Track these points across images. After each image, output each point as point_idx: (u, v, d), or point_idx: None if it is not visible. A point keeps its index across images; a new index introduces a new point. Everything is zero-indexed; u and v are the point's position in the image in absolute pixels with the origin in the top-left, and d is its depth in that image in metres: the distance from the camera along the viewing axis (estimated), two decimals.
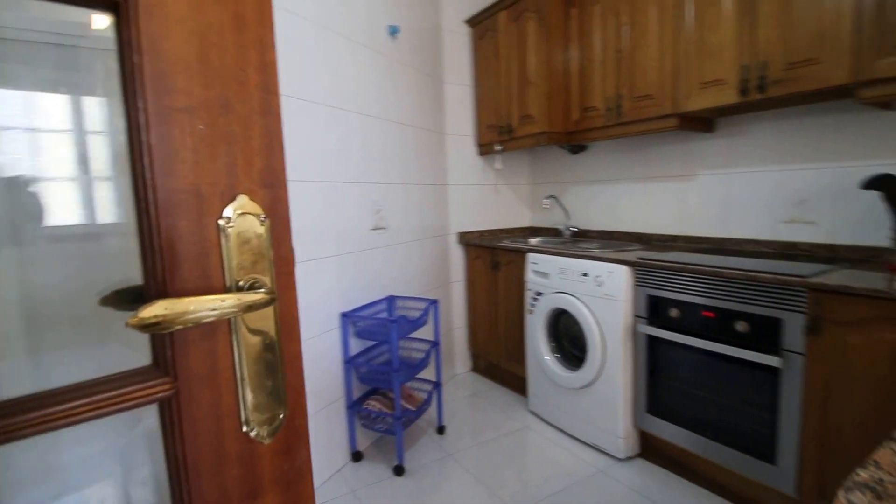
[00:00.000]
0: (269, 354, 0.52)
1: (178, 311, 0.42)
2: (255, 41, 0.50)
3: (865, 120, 1.75)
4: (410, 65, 2.57)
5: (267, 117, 0.51)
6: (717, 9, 1.85)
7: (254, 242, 0.50)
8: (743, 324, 1.64)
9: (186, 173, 0.46)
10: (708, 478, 1.87)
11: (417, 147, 2.65)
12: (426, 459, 2.15)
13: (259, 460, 0.53)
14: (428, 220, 2.77)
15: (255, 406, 0.51)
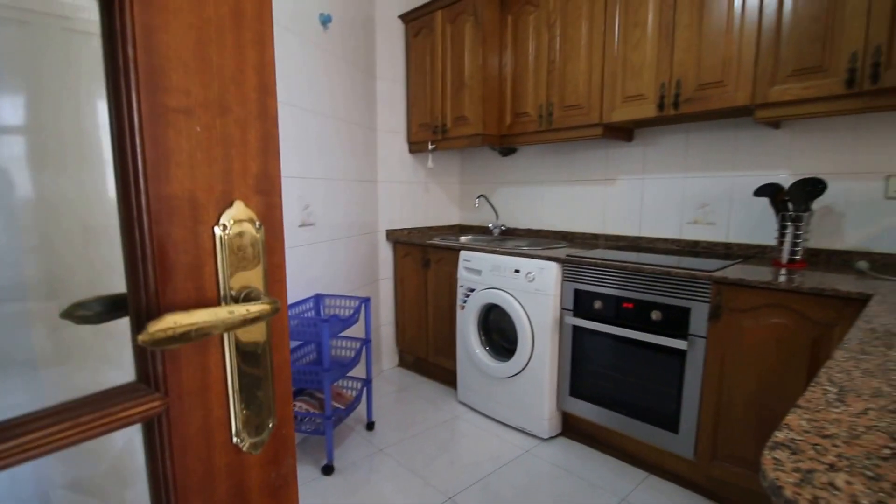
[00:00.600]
0: (260, 364, 0.50)
1: (187, 323, 0.39)
2: (255, 39, 0.47)
3: (758, 137, 2.05)
4: (342, 57, 2.50)
5: (264, 120, 0.49)
6: (640, 30, 2.04)
7: (249, 251, 0.48)
8: (657, 313, 1.83)
9: (182, 178, 0.43)
10: (621, 449, 2.06)
11: (348, 142, 2.58)
12: (356, 456, 2.10)
13: (248, 472, 0.50)
14: (357, 217, 2.71)
15: (245, 417, 0.49)
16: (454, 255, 2.60)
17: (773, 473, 0.50)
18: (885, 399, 0.66)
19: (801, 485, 0.48)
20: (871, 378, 0.73)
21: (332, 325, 1.93)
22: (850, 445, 0.55)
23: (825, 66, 1.59)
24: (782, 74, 1.68)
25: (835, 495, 0.46)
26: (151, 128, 0.40)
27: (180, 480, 0.44)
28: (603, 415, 2.03)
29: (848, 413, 0.62)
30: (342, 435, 2.28)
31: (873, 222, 1.80)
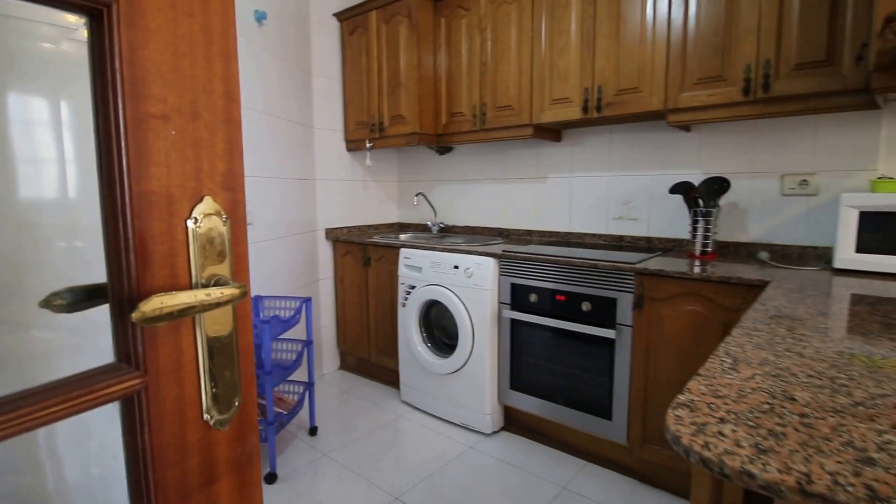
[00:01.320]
0: (227, 346, 0.55)
1: (172, 303, 0.45)
2: (221, 53, 0.53)
3: (672, 139, 2.23)
4: (277, 54, 2.44)
5: (229, 125, 0.55)
6: (565, 38, 2.16)
7: (217, 242, 0.53)
8: (587, 304, 1.94)
9: (160, 176, 0.48)
10: (561, 439, 2.16)
11: (284, 140, 2.52)
12: (299, 463, 2.05)
13: (216, 447, 0.55)
14: (295, 216, 2.65)
15: (214, 396, 0.54)
16: (394, 253, 2.60)
17: (674, 427, 0.56)
18: (769, 366, 0.75)
19: (696, 434, 0.54)
20: (760, 350, 0.83)
21: (273, 326, 1.88)
22: (737, 403, 0.62)
23: (725, 76, 1.76)
24: (689, 82, 1.84)
25: (722, 440, 0.53)
26: (134, 131, 0.46)
27: (157, 453, 0.49)
28: (542, 406, 2.12)
29: (738, 378, 0.71)
30: (285, 441, 2.22)
31: (772, 217, 2.02)
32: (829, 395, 0.65)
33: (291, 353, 2.22)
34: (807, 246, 1.93)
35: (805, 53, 1.61)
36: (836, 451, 0.50)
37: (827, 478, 0.46)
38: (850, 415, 0.58)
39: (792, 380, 0.70)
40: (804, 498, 0.45)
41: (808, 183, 1.91)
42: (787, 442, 0.52)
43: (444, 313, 2.42)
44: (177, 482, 0.51)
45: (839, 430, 0.55)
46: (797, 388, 0.67)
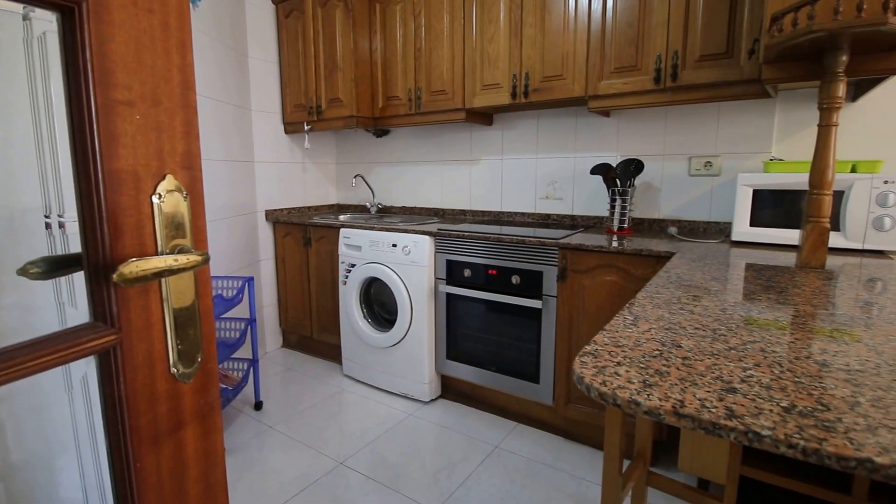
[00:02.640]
0: (190, 308, 0.61)
1: (149, 267, 0.51)
2: (178, 45, 0.59)
3: (594, 123, 2.40)
4: (213, 35, 2.36)
5: (186, 110, 0.60)
6: (494, 26, 2.24)
7: (178, 215, 0.59)
8: (517, 277, 2.08)
9: (127, 156, 0.54)
10: (494, 404, 2.32)
11: (221, 121, 2.46)
12: (246, 436, 2.07)
13: (182, 398, 0.62)
14: (234, 198, 2.60)
15: (180, 352, 0.60)
16: (335, 233, 2.61)
17: (579, 370, 0.67)
18: (664, 322, 0.90)
19: (596, 375, 0.66)
20: (658, 309, 0.98)
21: (217, 305, 1.86)
22: (633, 350, 0.75)
23: (638, 66, 1.93)
24: (607, 71, 2.00)
25: (617, 379, 0.65)
26: (104, 116, 0.51)
27: (131, 401, 0.56)
28: (477, 374, 2.27)
29: (637, 331, 0.84)
30: (230, 417, 2.22)
31: (681, 195, 2.25)
32: (710, 342, 0.79)
33: (235, 331, 2.21)
34: (710, 221, 2.19)
35: (708, 46, 1.80)
36: (707, 383, 0.64)
37: (696, 403, 0.58)
38: (723, 357, 0.73)
39: (681, 331, 0.84)
40: (678, 419, 0.57)
41: (712, 164, 2.15)
42: (669, 378, 0.65)
43: (384, 290, 2.48)
44: (149, 427, 0.58)
45: (712, 368, 0.69)
46: (684, 337, 0.81)
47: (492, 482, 1.80)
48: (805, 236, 1.36)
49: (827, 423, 0.51)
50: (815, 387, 0.60)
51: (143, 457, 0.57)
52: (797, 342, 0.77)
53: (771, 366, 0.68)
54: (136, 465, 0.56)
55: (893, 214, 1.58)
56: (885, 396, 0.57)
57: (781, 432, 0.49)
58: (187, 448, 0.63)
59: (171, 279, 0.59)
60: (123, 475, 0.56)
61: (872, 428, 0.50)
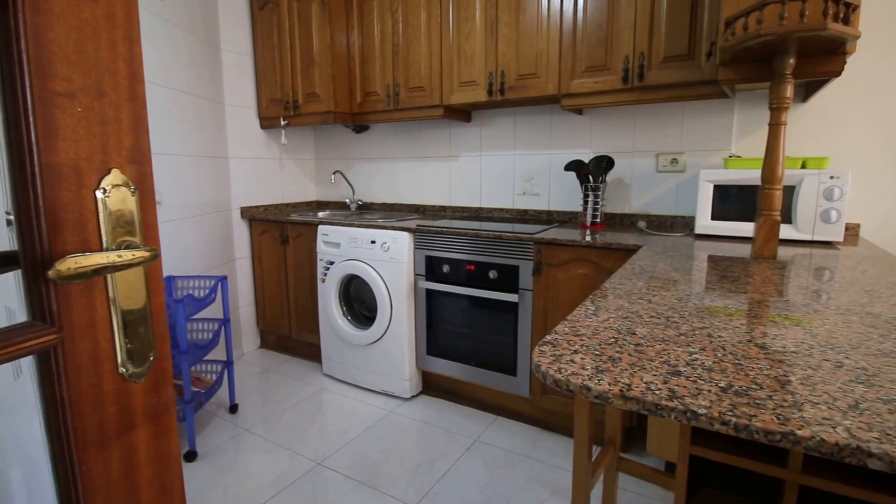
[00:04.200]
0: (140, 306, 0.60)
1: (86, 263, 0.50)
2: (124, 36, 0.57)
3: (568, 121, 2.45)
4: (183, 27, 2.31)
5: (134, 102, 0.59)
6: (471, 24, 2.27)
7: (125, 211, 0.58)
8: (494, 272, 2.12)
9: (67, 150, 0.52)
10: (474, 398, 2.36)
11: (193, 116, 2.40)
12: (221, 439, 2.06)
13: (133, 398, 0.60)
14: (208, 195, 2.56)
15: (129, 351, 0.59)
16: (312, 230, 2.61)
17: (537, 359, 0.70)
18: (623, 311, 0.94)
19: (552, 363, 0.69)
20: (619, 299, 1.02)
21: (187, 305, 1.84)
22: (591, 338, 0.79)
23: (608, 65, 1.98)
24: (579, 70, 2.04)
25: (572, 366, 0.68)
26: (41, 108, 0.50)
27: (74, 402, 0.54)
28: (456, 369, 2.30)
29: (596, 320, 0.88)
30: (204, 420, 2.19)
31: (650, 191, 2.32)
32: (662, 329, 0.83)
33: (208, 332, 2.18)
34: (677, 215, 2.25)
35: (671, 48, 1.86)
36: (655, 367, 0.67)
37: (642, 386, 0.62)
38: (672, 342, 0.77)
39: (637, 320, 0.88)
40: (625, 402, 0.61)
41: (678, 161, 2.22)
42: (620, 364, 0.69)
43: (363, 287, 2.49)
44: (95, 429, 0.56)
45: (662, 353, 0.72)
46: (639, 325, 0.85)
47: (470, 475, 1.84)
48: (758, 228, 1.43)
49: (758, 400, 0.55)
50: (752, 367, 0.65)
51: (89, 459, 0.55)
52: (741, 327, 0.82)
53: (715, 349, 0.72)
54: (81, 468, 0.54)
55: (839, 208, 1.67)
56: (813, 375, 0.61)
57: (716, 410, 0.53)
58: (139, 449, 0.61)
59: (119, 276, 0.57)
60: (68, 479, 0.54)
61: (798, 404, 0.54)
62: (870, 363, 0.65)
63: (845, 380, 0.60)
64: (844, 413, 0.51)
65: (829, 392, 0.57)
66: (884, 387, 0.58)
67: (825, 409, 0.52)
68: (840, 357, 0.67)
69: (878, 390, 0.57)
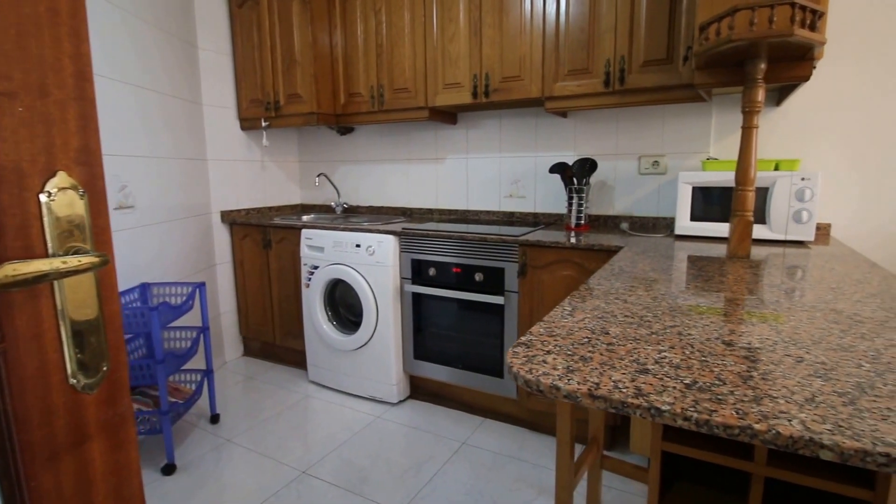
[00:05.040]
0: (91, 314, 0.58)
1: (27, 270, 0.48)
2: (70, 33, 0.55)
3: (552, 123, 2.46)
4: (156, 24, 2.26)
5: (82, 102, 0.57)
6: (455, 25, 2.27)
7: (74, 215, 0.56)
8: (480, 274, 2.12)
9: (7, 151, 0.49)
10: (461, 401, 2.35)
11: (168, 117, 2.36)
12: (201, 451, 2.02)
13: (85, 410, 0.58)
14: (185, 198, 2.51)
15: (79, 361, 0.56)
16: (296, 234, 2.59)
17: (510, 360, 0.70)
18: (598, 311, 0.94)
19: (525, 364, 0.69)
20: (596, 300, 1.02)
21: (162, 313, 1.81)
22: (565, 339, 0.78)
23: (590, 69, 1.99)
24: (562, 73, 2.05)
25: (543, 366, 0.68)
26: None
27: (20, 415, 0.52)
28: (444, 372, 2.29)
29: (572, 321, 0.88)
30: (184, 431, 2.15)
31: (632, 192, 2.33)
32: (635, 328, 0.83)
33: (186, 340, 2.15)
34: (658, 217, 2.27)
35: (651, 52, 1.87)
36: (624, 366, 0.67)
37: (610, 384, 0.62)
38: (643, 341, 0.77)
39: (612, 319, 0.88)
40: (593, 400, 0.60)
41: (659, 163, 2.24)
42: (591, 363, 0.69)
43: (349, 291, 2.47)
44: (44, 442, 0.54)
45: (632, 352, 0.72)
46: (613, 325, 0.85)
47: (458, 478, 1.83)
48: (732, 229, 1.45)
49: (720, 396, 0.55)
50: (717, 364, 0.65)
51: (38, 475, 0.53)
52: (711, 325, 0.82)
53: (684, 347, 0.72)
54: (30, 483, 0.52)
55: (810, 208, 1.70)
56: (775, 370, 0.62)
57: (679, 407, 0.53)
58: (94, 463, 0.59)
59: (68, 284, 0.55)
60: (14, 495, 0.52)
61: (758, 398, 0.54)
62: (829, 358, 0.66)
63: (804, 374, 0.60)
64: (801, 406, 0.52)
65: (788, 386, 0.57)
66: (840, 380, 0.58)
67: (783, 403, 0.53)
68: (801, 352, 0.68)
69: (835, 384, 0.57)
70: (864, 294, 1.01)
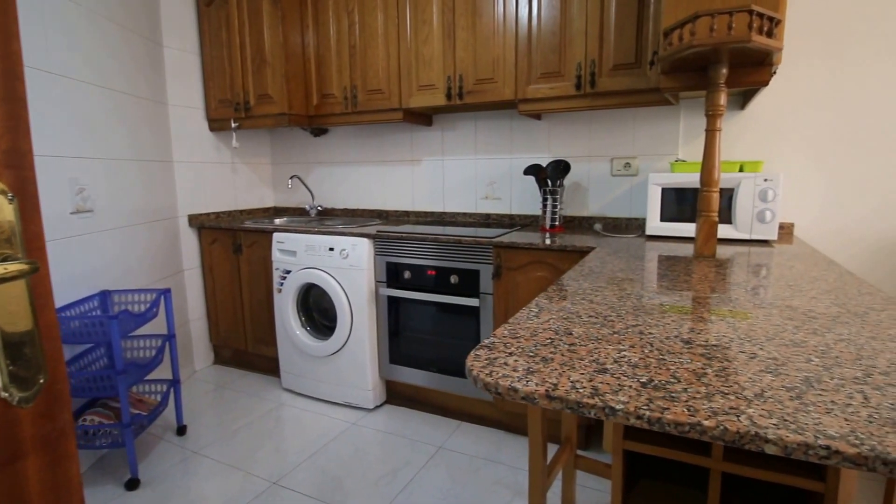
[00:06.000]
0: (24, 324, 0.54)
1: None
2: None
3: (527, 126, 2.47)
4: (117, 21, 2.19)
5: (12, 102, 0.54)
6: (428, 27, 2.26)
7: (2, 220, 0.52)
8: (455, 277, 2.11)
9: None
10: (438, 405, 2.33)
11: (131, 117, 2.28)
12: (167, 464, 1.95)
13: (20, 424, 0.55)
14: (149, 201, 2.43)
15: (12, 373, 0.53)
16: (267, 238, 2.54)
17: (470, 364, 0.69)
18: (564, 312, 0.93)
19: (485, 367, 0.67)
20: (563, 300, 1.02)
21: (123, 321, 1.74)
22: (528, 340, 0.77)
23: (562, 72, 2.01)
24: (535, 76, 2.06)
25: (504, 369, 0.67)
26: None
27: None
28: (421, 376, 2.26)
29: (537, 322, 0.87)
30: (149, 444, 2.08)
31: (605, 194, 2.36)
32: (598, 328, 0.83)
33: (150, 349, 2.07)
34: (631, 218, 2.30)
35: (620, 56, 1.90)
36: (584, 366, 0.67)
37: (568, 385, 0.61)
38: (605, 341, 0.77)
39: (576, 320, 0.88)
40: (550, 401, 0.59)
41: (630, 165, 2.27)
42: (552, 364, 0.68)
43: (323, 296, 2.43)
44: None
45: (593, 352, 0.72)
46: (577, 325, 0.85)
47: (434, 483, 1.80)
48: (698, 229, 1.47)
49: (674, 393, 0.55)
50: (674, 362, 0.65)
51: None
52: (672, 324, 0.82)
53: (643, 346, 0.72)
54: None
55: (772, 208, 1.75)
56: (728, 367, 0.62)
57: (633, 405, 0.52)
58: (29, 480, 0.56)
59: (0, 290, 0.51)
60: None
61: (710, 395, 0.54)
62: (780, 353, 0.66)
63: (756, 370, 0.61)
64: (750, 402, 0.52)
65: (740, 382, 0.57)
66: (789, 375, 0.59)
67: (733, 399, 0.53)
68: (755, 349, 0.68)
69: (784, 378, 0.58)
70: (819, 291, 1.03)
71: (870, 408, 0.50)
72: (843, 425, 0.46)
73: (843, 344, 0.70)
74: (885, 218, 1.91)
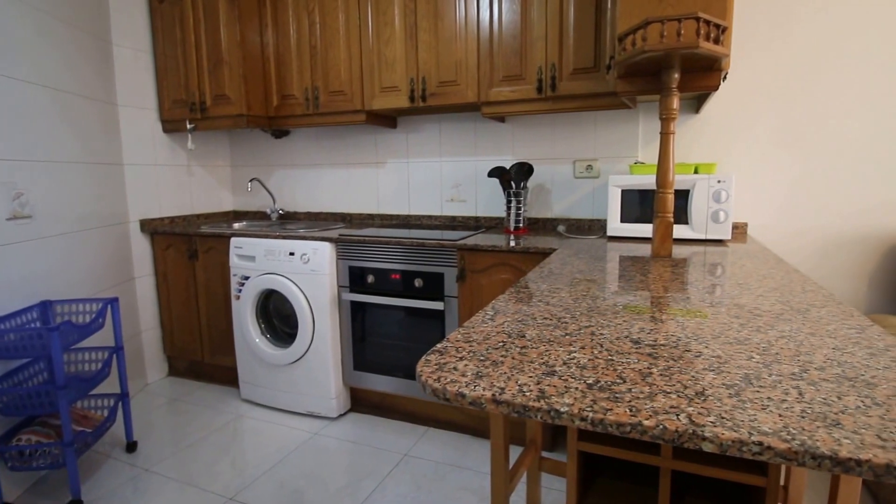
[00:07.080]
0: None
1: None
2: None
3: (491, 128, 2.47)
4: (63, 19, 2.08)
5: None
6: (390, 29, 2.24)
7: None
8: (419, 280, 2.08)
9: None
10: (404, 411, 2.29)
11: (74, 117, 2.16)
12: (114, 484, 1.84)
13: None
14: (96, 206, 2.30)
15: None
16: (224, 243, 2.44)
17: (419, 369, 0.66)
18: (520, 315, 0.92)
19: (434, 372, 0.65)
20: (520, 303, 1.01)
21: (65, 333, 1.63)
22: (480, 344, 0.76)
23: (523, 75, 2.02)
24: (497, 79, 2.07)
25: (453, 374, 0.64)
26: None
27: None
28: (385, 382, 2.22)
29: (491, 325, 0.85)
30: (95, 463, 1.95)
31: (568, 196, 2.38)
32: (551, 330, 0.82)
33: (96, 362, 1.96)
34: (593, 219, 2.33)
35: (579, 60, 1.92)
36: (533, 369, 0.65)
37: (515, 388, 0.59)
38: (556, 343, 0.76)
39: (531, 322, 0.87)
40: (496, 406, 0.58)
41: (592, 168, 2.30)
42: (502, 368, 0.66)
43: (283, 302, 2.36)
44: None
45: (544, 355, 0.71)
46: (531, 328, 0.84)
47: (398, 491, 1.76)
48: (655, 230, 1.50)
49: (618, 394, 0.54)
50: (621, 363, 0.64)
51: None
52: (623, 324, 0.82)
53: (594, 347, 0.71)
54: None
55: (726, 209, 1.81)
56: (673, 366, 0.62)
57: (577, 407, 0.51)
58: None
59: None
60: None
61: (652, 395, 0.53)
62: (724, 351, 0.67)
63: (699, 368, 0.61)
64: (690, 400, 0.51)
65: (683, 381, 0.57)
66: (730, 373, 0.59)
67: (675, 398, 0.52)
68: (701, 347, 0.69)
69: (725, 376, 0.58)
70: (766, 288, 1.06)
71: (803, 403, 0.51)
72: (777, 421, 0.47)
73: (784, 340, 0.71)
74: (827, 216, 2.00)
